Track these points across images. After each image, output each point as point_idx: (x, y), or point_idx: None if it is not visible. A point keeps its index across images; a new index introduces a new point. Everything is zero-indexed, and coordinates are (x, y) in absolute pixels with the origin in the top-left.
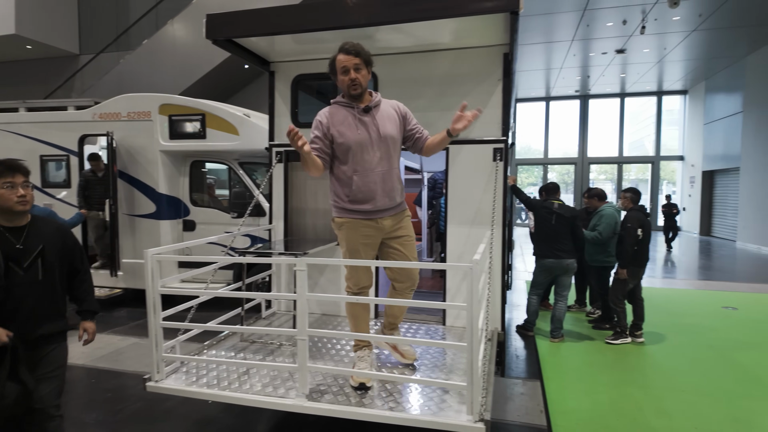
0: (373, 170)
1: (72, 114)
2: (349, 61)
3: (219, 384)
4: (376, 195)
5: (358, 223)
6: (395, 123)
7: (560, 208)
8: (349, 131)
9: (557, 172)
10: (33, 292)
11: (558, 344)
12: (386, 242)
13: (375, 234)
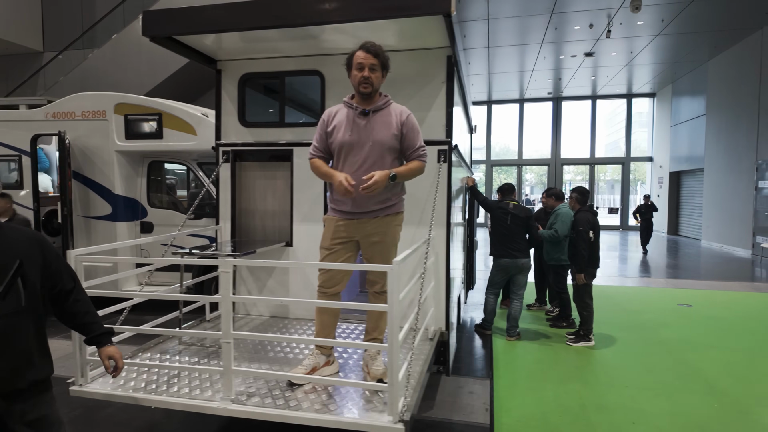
0: (356, 173)
1: (24, 113)
2: (367, 59)
3: (146, 387)
4: (356, 198)
5: (336, 221)
6: (391, 130)
7: (515, 209)
8: (341, 132)
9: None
10: (17, 325)
11: (514, 343)
12: (362, 245)
13: (352, 234)
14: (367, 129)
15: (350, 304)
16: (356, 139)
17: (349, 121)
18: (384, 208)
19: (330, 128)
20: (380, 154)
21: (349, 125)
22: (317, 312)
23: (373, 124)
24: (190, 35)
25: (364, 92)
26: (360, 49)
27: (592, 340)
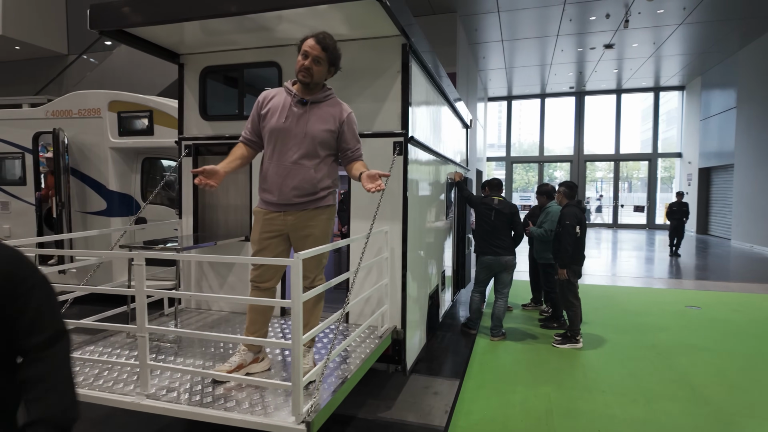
0: (284, 163)
1: (26, 112)
2: (313, 49)
3: (80, 380)
4: (282, 188)
5: (264, 213)
6: (327, 126)
7: (500, 204)
8: (275, 117)
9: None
10: None
11: (497, 343)
12: (292, 239)
13: (277, 229)
14: (303, 119)
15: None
16: (290, 127)
17: (285, 107)
18: (311, 201)
19: (264, 111)
20: (313, 147)
21: (284, 112)
22: (248, 308)
23: (310, 115)
24: (137, 27)
25: (302, 81)
26: (311, 37)
27: (579, 342)
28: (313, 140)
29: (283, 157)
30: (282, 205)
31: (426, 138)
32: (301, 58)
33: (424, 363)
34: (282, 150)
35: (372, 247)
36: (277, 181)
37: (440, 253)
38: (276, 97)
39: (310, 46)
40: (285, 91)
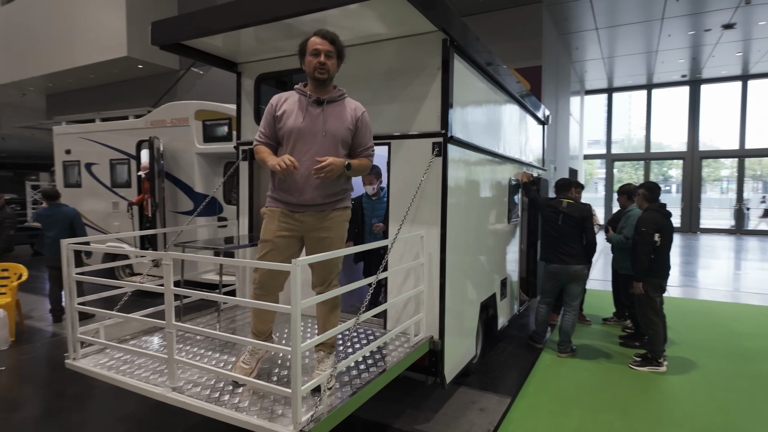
0: (305, 163)
1: (130, 122)
2: (323, 44)
3: (117, 368)
4: (302, 189)
5: (278, 213)
6: (345, 124)
7: (568, 207)
8: (292, 118)
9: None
10: None
11: (564, 360)
12: (306, 241)
13: (294, 228)
14: (320, 118)
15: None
16: (309, 126)
17: (301, 107)
18: (332, 201)
19: (279, 113)
20: (333, 146)
21: (302, 112)
22: (253, 312)
23: (327, 114)
24: (192, 39)
25: (320, 78)
26: (315, 35)
27: (662, 366)
28: (334, 138)
29: (304, 157)
30: (302, 206)
31: (476, 137)
32: (311, 57)
33: (477, 376)
34: (301, 150)
35: (409, 252)
36: (298, 181)
37: (499, 259)
38: (289, 99)
39: (320, 42)
40: (298, 93)
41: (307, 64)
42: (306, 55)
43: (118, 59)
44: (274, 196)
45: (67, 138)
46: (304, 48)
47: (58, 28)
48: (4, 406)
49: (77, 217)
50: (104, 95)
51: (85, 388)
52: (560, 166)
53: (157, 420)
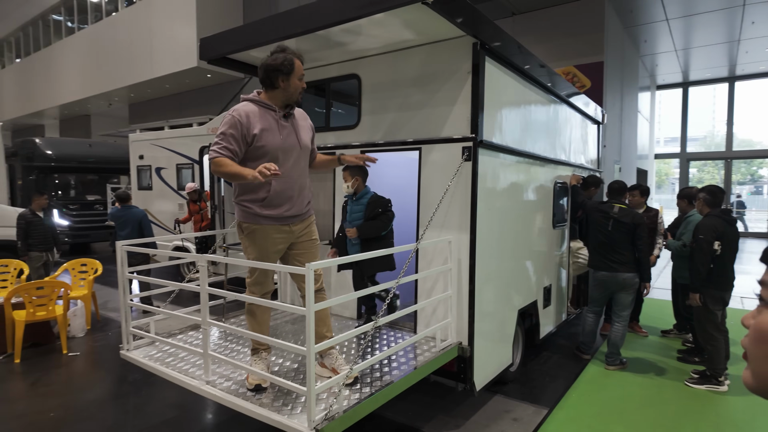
0: (291, 177)
1: (194, 129)
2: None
3: (162, 360)
4: (292, 200)
5: (271, 229)
6: (309, 133)
7: (620, 212)
8: (272, 136)
9: None
10: None
11: (611, 373)
12: (294, 248)
13: (285, 239)
14: (293, 133)
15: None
16: (287, 142)
17: (275, 124)
18: (309, 208)
19: (256, 130)
20: (305, 157)
21: (278, 129)
22: (254, 312)
23: (296, 128)
24: (237, 53)
25: (299, 103)
26: (298, 58)
27: (723, 385)
28: (306, 150)
29: (291, 172)
30: (291, 217)
31: (513, 140)
32: (299, 81)
33: (515, 385)
34: (288, 166)
35: (439, 257)
36: (290, 195)
37: (542, 266)
38: (256, 116)
39: (301, 67)
40: (263, 108)
41: (293, 87)
42: (293, 78)
43: (189, 69)
44: (262, 213)
45: (140, 144)
46: (291, 68)
47: (139, 43)
48: (76, 387)
49: (145, 217)
50: (178, 103)
51: (143, 376)
52: (626, 166)
53: (200, 409)
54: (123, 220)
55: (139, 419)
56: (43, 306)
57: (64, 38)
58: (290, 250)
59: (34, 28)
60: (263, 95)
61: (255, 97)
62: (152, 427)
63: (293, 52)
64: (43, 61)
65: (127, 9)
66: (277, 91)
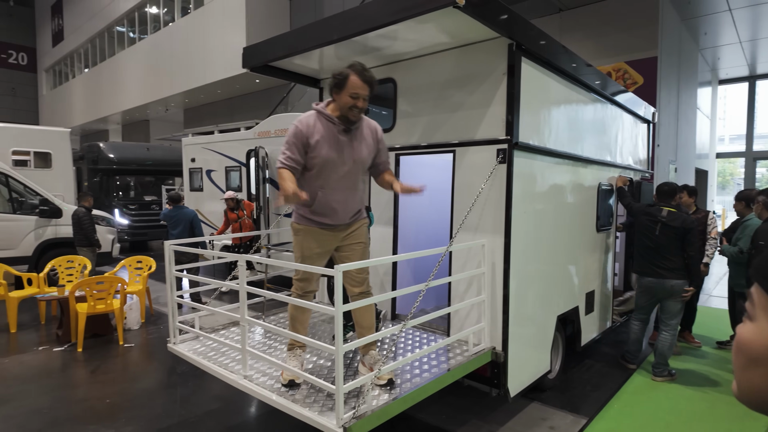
0: (338, 190)
1: (242, 134)
2: (364, 89)
3: (205, 354)
4: (336, 213)
5: (316, 231)
6: (370, 148)
7: (668, 216)
8: (326, 148)
9: None
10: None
11: (658, 384)
12: (339, 250)
13: (330, 242)
14: (349, 147)
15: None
16: (340, 156)
17: (332, 136)
18: (357, 217)
19: (313, 141)
20: (357, 172)
21: (334, 141)
22: (295, 311)
23: (354, 142)
24: (275, 61)
25: (353, 120)
26: (357, 75)
27: None
28: (362, 165)
29: (339, 185)
30: (333, 225)
31: (552, 141)
32: (350, 98)
33: (554, 392)
34: (335, 179)
35: (473, 260)
36: (335, 207)
37: (585, 271)
38: (317, 126)
39: (361, 87)
40: (324, 119)
41: (342, 102)
42: (343, 93)
43: (239, 75)
44: (308, 217)
45: (192, 148)
46: (343, 84)
47: (193, 50)
48: (131, 376)
49: (196, 217)
50: (229, 108)
51: (190, 368)
52: (683, 166)
53: (242, 402)
54: (175, 219)
55: (185, 409)
56: (102, 300)
57: (126, 48)
58: (336, 252)
59: (100, 40)
60: (330, 105)
61: (321, 108)
62: (197, 417)
63: (355, 68)
64: (109, 70)
65: (182, 19)
66: (334, 104)
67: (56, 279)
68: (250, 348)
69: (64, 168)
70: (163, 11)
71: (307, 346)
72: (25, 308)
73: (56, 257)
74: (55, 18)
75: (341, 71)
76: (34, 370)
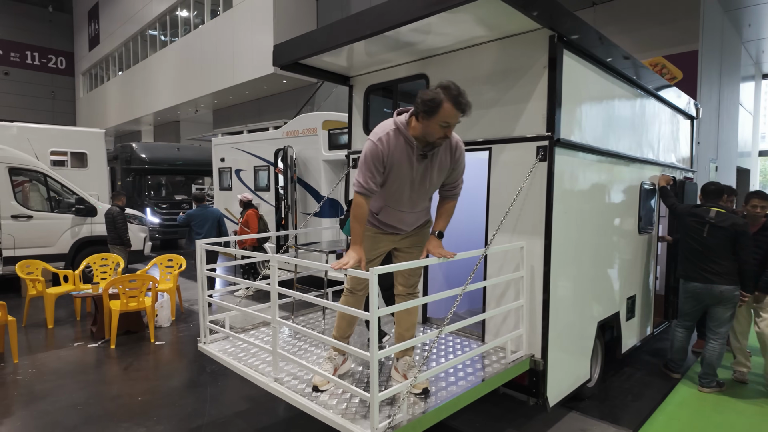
0: (404, 209)
1: (270, 133)
2: (456, 118)
3: (235, 355)
4: (401, 225)
5: (379, 235)
6: (444, 172)
7: (717, 218)
8: (401, 170)
9: None
10: None
11: (706, 396)
12: (398, 251)
13: (390, 245)
14: (425, 172)
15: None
16: (416, 179)
17: (408, 159)
18: (425, 222)
19: (389, 161)
20: (427, 194)
21: (408, 165)
22: (342, 313)
23: (430, 166)
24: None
25: (438, 146)
26: (452, 102)
27: None
28: (433, 188)
29: (408, 205)
30: (402, 231)
31: (594, 138)
32: (439, 127)
33: (593, 402)
34: (404, 200)
35: (510, 263)
36: (399, 222)
37: (626, 274)
38: (397, 146)
39: (453, 116)
40: (403, 139)
41: (430, 130)
42: (433, 121)
43: (267, 76)
44: (377, 224)
45: (222, 148)
46: (435, 111)
47: (222, 52)
48: (162, 374)
49: (222, 216)
50: (257, 109)
51: (220, 367)
52: (724, 165)
53: (271, 403)
54: (201, 218)
55: (215, 409)
56: (134, 297)
57: (158, 51)
58: (395, 251)
59: (134, 43)
60: (412, 123)
61: (402, 124)
62: (227, 417)
63: (450, 93)
64: (141, 72)
65: (212, 21)
66: (418, 125)
67: (91, 276)
68: (281, 351)
69: (99, 168)
70: (193, 14)
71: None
72: (62, 304)
73: (91, 255)
74: (92, 23)
75: (434, 95)
76: (70, 366)
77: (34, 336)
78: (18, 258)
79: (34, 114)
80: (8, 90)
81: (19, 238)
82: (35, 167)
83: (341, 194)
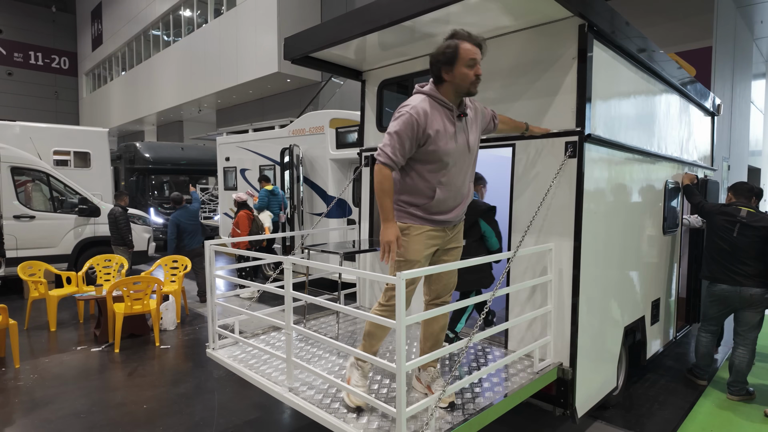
0: (457, 184)
1: (276, 132)
2: (478, 54)
3: (246, 362)
4: (455, 209)
5: (429, 232)
6: (479, 130)
7: (749, 217)
8: (444, 139)
9: None
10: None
11: (736, 404)
12: (439, 254)
13: (437, 244)
14: (465, 133)
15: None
16: (458, 147)
17: (450, 126)
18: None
19: (432, 131)
20: (473, 160)
21: (452, 131)
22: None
23: (468, 127)
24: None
25: (475, 92)
26: (466, 41)
27: None
28: (474, 152)
29: (457, 179)
30: (450, 222)
31: (623, 134)
32: (467, 69)
33: (618, 410)
34: (455, 172)
35: (536, 266)
36: (451, 205)
37: (650, 277)
38: (432, 114)
39: (474, 51)
40: (438, 104)
41: (459, 77)
42: (458, 65)
43: (270, 75)
44: (422, 216)
45: (226, 147)
46: (455, 56)
47: (226, 52)
48: (167, 380)
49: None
50: (260, 108)
51: (228, 373)
52: (736, 164)
53: (282, 411)
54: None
55: (223, 417)
56: (139, 300)
57: (161, 51)
58: (435, 255)
59: (137, 43)
60: (439, 90)
61: (432, 91)
62: (236, 426)
63: (461, 35)
64: (144, 72)
65: (215, 20)
66: (445, 85)
67: (94, 278)
68: (296, 359)
69: (103, 167)
70: (196, 14)
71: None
72: (65, 306)
73: (94, 256)
74: (95, 23)
75: (446, 45)
76: (74, 371)
77: (36, 339)
78: (20, 259)
79: (37, 114)
80: (12, 90)
81: (21, 238)
82: (38, 167)
83: (348, 194)
